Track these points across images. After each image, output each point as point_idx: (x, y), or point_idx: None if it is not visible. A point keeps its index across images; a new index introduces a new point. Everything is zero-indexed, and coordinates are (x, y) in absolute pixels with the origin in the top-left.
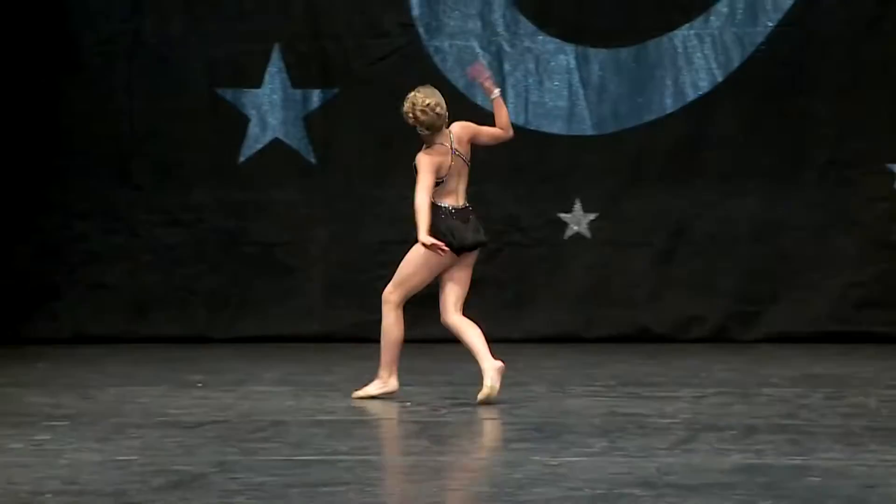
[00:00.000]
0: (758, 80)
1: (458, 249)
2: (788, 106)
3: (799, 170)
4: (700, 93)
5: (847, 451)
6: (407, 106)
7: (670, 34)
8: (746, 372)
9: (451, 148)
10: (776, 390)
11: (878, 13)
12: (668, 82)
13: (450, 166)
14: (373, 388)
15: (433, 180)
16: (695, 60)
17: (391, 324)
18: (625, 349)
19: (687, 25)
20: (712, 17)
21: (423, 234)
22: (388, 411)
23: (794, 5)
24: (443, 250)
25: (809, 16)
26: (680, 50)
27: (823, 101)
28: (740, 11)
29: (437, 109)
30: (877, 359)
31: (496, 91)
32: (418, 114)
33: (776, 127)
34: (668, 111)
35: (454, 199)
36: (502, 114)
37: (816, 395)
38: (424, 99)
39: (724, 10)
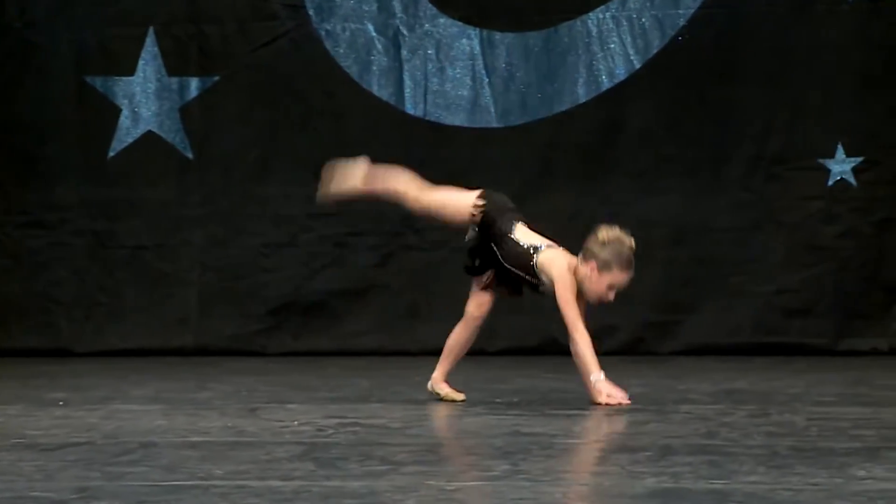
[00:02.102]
0: (679, 67)
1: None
2: (712, 95)
3: (723, 166)
4: (616, 81)
5: (771, 473)
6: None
7: (584, 17)
8: (663, 387)
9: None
10: (695, 407)
11: None
12: (581, 69)
13: None
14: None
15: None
16: (610, 45)
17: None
18: (530, 362)
19: (602, 7)
20: None
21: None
22: (269, 432)
23: None
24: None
25: None
26: (594, 34)
27: (750, 90)
28: None
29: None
30: (806, 372)
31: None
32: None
33: (698, 118)
34: (581, 101)
35: None
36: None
37: (739, 413)
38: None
39: None
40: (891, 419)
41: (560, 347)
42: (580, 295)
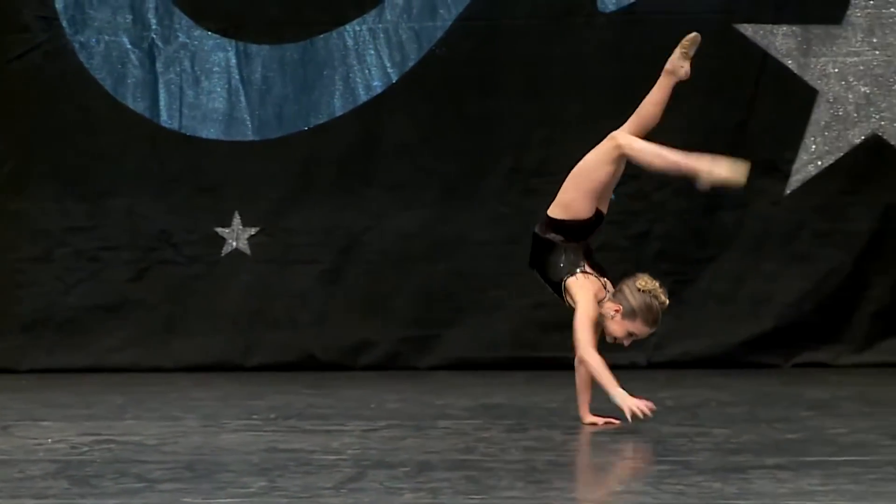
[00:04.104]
0: (436, 80)
1: None
2: (469, 108)
3: (481, 179)
4: (373, 94)
5: (530, 488)
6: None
7: (340, 29)
8: (421, 402)
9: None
10: (453, 422)
11: (566, 6)
12: (338, 82)
13: None
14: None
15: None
16: (367, 58)
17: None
18: (287, 378)
19: (359, 20)
20: (387, 10)
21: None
22: (22, 450)
23: None
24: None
25: (493, 9)
26: (351, 46)
27: (508, 102)
28: (417, 4)
29: None
30: (564, 387)
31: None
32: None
33: (456, 131)
34: (338, 114)
35: None
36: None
37: (497, 428)
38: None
39: (400, 2)
40: (648, 432)
41: (317, 363)
42: (597, 326)
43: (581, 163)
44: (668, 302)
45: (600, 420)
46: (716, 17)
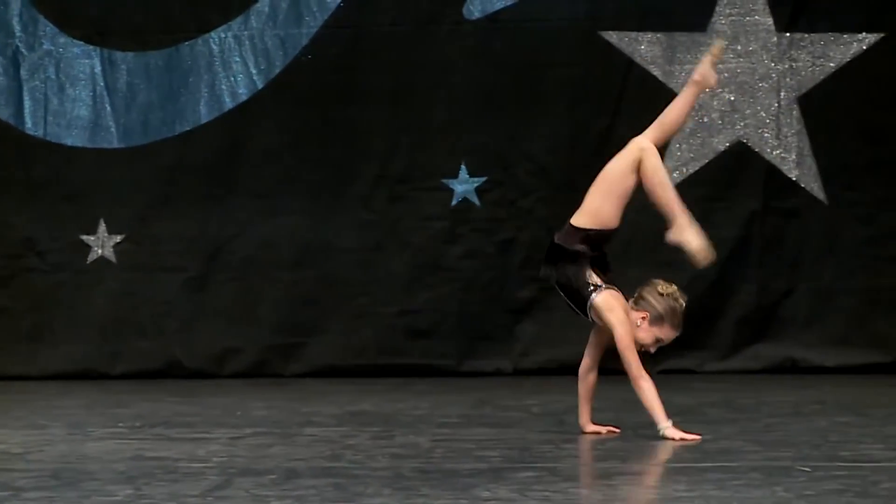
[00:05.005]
0: (302, 87)
1: None
2: (335, 115)
3: (347, 186)
4: (238, 101)
5: (397, 495)
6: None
7: (206, 36)
8: (288, 410)
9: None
10: (320, 430)
11: (432, 13)
12: (204, 89)
13: None
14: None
15: None
16: (233, 65)
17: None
18: (153, 386)
19: (224, 27)
20: (252, 18)
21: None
22: None
23: (341, 4)
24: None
25: (358, 16)
26: (216, 53)
27: (374, 109)
28: (283, 11)
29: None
30: (430, 394)
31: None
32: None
33: (322, 138)
34: (204, 121)
35: None
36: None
37: (364, 435)
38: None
39: (265, 9)
40: (514, 439)
41: (184, 370)
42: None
43: (606, 172)
44: (685, 304)
45: (603, 429)
46: (581, 25)
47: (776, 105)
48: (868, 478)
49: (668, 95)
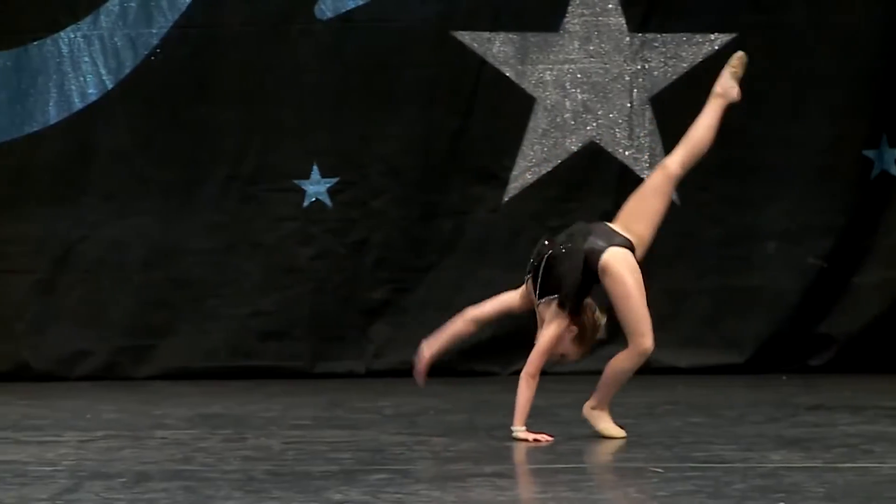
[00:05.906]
0: (153, 87)
1: None
2: (186, 115)
3: (198, 186)
4: (88, 101)
5: (248, 498)
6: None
7: (55, 36)
8: (138, 412)
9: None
10: (171, 433)
11: (284, 13)
12: (53, 90)
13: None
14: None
15: None
16: (82, 65)
17: None
18: (1, 389)
19: (73, 27)
20: (102, 17)
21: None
22: None
23: (192, 4)
24: None
25: (209, 15)
26: (66, 53)
27: (225, 109)
28: (133, 10)
29: None
30: (282, 396)
31: None
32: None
33: (173, 138)
34: (52, 122)
35: None
36: None
37: (215, 438)
38: None
39: (115, 8)
40: (367, 441)
41: (32, 373)
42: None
43: (642, 201)
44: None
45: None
46: (433, 25)
47: (629, 105)
48: (720, 478)
49: (521, 95)
